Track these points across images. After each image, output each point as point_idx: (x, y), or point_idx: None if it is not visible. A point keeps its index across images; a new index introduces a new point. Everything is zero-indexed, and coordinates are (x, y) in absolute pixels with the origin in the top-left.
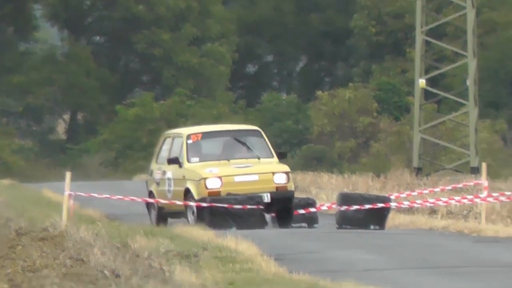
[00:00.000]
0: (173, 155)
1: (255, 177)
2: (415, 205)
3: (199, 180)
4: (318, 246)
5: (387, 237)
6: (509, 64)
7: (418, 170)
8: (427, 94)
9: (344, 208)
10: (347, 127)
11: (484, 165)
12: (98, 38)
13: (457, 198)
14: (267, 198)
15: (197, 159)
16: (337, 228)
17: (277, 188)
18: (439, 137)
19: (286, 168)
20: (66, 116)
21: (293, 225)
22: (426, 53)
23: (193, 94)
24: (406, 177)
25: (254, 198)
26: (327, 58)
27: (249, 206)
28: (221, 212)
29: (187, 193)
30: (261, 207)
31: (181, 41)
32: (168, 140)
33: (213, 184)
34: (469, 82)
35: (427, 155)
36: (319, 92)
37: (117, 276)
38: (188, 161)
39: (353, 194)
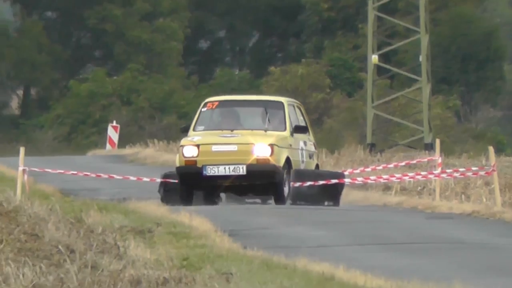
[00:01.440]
0: None
1: (234, 148)
2: (369, 181)
3: (179, 147)
4: (272, 222)
5: (340, 214)
6: (460, 40)
7: (372, 146)
8: (379, 70)
9: (298, 184)
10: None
11: (437, 141)
12: (50, 13)
13: (411, 174)
14: (242, 170)
15: (202, 127)
16: (291, 204)
17: (257, 160)
18: (392, 113)
19: (273, 139)
20: (19, 92)
21: (247, 200)
22: (378, 29)
23: (146, 70)
24: (359, 153)
25: None
26: (279, 33)
27: None
28: (174, 188)
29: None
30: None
31: (132, 17)
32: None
33: (190, 152)
34: (422, 58)
35: (381, 131)
36: (271, 68)
37: (72, 251)
38: (194, 129)
39: (307, 170)
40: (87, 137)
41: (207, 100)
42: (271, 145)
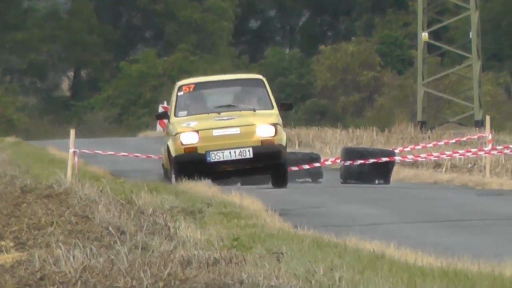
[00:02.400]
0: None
1: (236, 130)
2: (419, 159)
3: (175, 135)
4: (322, 201)
5: (391, 191)
6: (511, 15)
7: (422, 124)
8: (430, 48)
9: (348, 162)
10: (350, 81)
11: (488, 118)
12: None
13: (461, 151)
14: (249, 153)
15: (185, 112)
16: (342, 182)
17: (262, 141)
18: (443, 90)
19: (274, 119)
20: (70, 73)
21: (297, 180)
22: (429, 6)
23: (196, 50)
24: (410, 131)
25: None
26: (329, 12)
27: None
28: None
29: (169, 152)
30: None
31: None
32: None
33: (189, 139)
34: (472, 34)
35: (431, 108)
36: (322, 47)
37: (122, 233)
38: (175, 115)
39: (357, 148)
40: (137, 118)
41: (179, 83)
42: (274, 125)
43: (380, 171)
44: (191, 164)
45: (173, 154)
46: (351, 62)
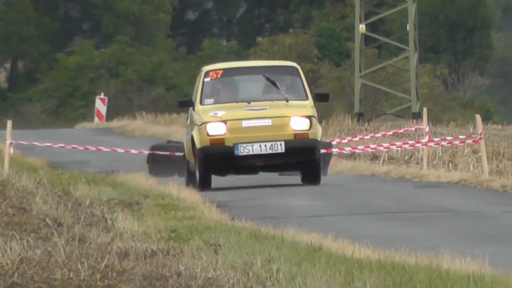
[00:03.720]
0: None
1: (268, 122)
2: (357, 150)
3: (200, 125)
4: (259, 193)
5: (329, 183)
6: (448, 8)
7: (360, 116)
8: (367, 40)
9: None
10: None
11: (425, 110)
12: None
13: (398, 143)
14: (281, 147)
15: (211, 100)
16: (279, 174)
17: (295, 135)
18: (380, 82)
19: (309, 111)
20: (7, 65)
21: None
22: None
23: (134, 42)
24: (347, 122)
25: None
26: (267, 4)
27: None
28: (162, 160)
29: (193, 143)
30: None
31: None
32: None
33: (216, 129)
34: (409, 27)
35: (368, 100)
36: (259, 39)
37: (60, 224)
38: (201, 102)
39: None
40: (75, 110)
41: (206, 68)
42: (309, 117)
43: None
44: (217, 157)
45: (197, 145)
46: (289, 54)
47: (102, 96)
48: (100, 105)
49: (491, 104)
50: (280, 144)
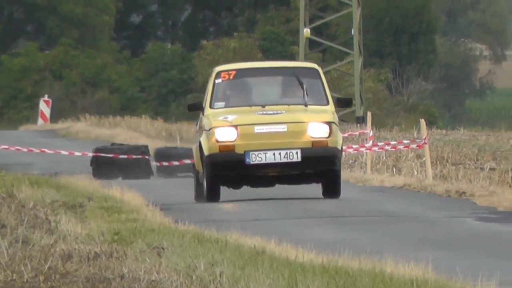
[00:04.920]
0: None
1: (283, 128)
2: None
3: (209, 130)
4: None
5: (273, 188)
6: (393, 13)
7: None
8: (311, 44)
9: None
10: None
11: (369, 114)
12: None
13: None
14: (297, 156)
15: (222, 103)
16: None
17: (313, 143)
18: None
19: (329, 117)
20: None
21: (179, 174)
22: (311, 2)
23: (78, 44)
24: None
25: (140, 148)
26: (211, 7)
27: (134, 156)
28: (106, 162)
29: (201, 150)
30: (146, 157)
31: None
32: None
33: (225, 135)
34: (354, 31)
35: None
36: (203, 42)
37: (3, 226)
38: (211, 106)
39: None
40: (19, 112)
41: (218, 69)
42: (329, 124)
43: None
44: (226, 166)
45: (205, 152)
46: (233, 58)
47: (46, 98)
48: (44, 107)
49: (435, 109)
50: (296, 153)
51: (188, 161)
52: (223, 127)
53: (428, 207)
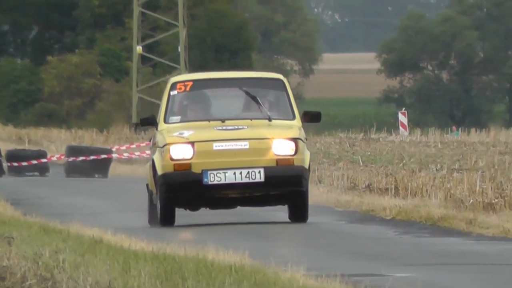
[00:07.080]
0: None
1: (245, 145)
2: (134, 156)
3: (163, 147)
4: (49, 193)
5: (110, 184)
6: (215, 32)
7: (136, 126)
8: (144, 59)
9: (71, 159)
10: (74, 88)
11: None
12: None
13: None
14: (259, 176)
15: (178, 118)
16: (66, 176)
17: (277, 161)
18: (155, 96)
19: (295, 133)
20: None
21: (27, 173)
22: (143, 23)
23: None
24: (126, 132)
25: None
26: (56, 27)
27: None
28: None
29: (154, 169)
30: None
31: None
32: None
33: (181, 152)
34: (180, 48)
35: (145, 112)
36: (49, 57)
37: None
38: (165, 120)
39: (80, 146)
40: None
41: (173, 80)
42: (295, 140)
43: (99, 167)
44: (182, 186)
45: (159, 172)
46: (75, 71)
47: None
48: None
49: None
50: (259, 172)
51: (35, 162)
52: (178, 143)
53: None
